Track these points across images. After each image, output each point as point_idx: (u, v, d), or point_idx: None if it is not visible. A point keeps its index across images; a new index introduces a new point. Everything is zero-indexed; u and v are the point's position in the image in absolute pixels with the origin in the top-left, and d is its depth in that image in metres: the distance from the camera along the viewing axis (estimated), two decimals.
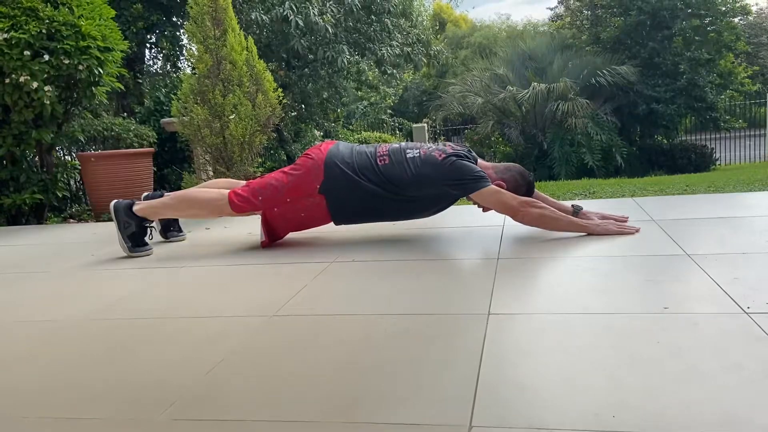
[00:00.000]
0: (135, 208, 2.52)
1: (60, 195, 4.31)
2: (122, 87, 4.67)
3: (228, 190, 2.48)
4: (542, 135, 11.49)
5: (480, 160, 2.48)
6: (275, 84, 4.12)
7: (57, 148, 4.69)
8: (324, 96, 9.81)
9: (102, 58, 3.94)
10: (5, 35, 3.57)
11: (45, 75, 3.70)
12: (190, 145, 4.25)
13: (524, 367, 1.20)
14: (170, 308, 1.79)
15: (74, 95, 4.09)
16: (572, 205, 2.48)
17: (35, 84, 3.65)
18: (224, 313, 1.70)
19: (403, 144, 2.49)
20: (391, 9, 9.22)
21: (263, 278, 2.08)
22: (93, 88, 4.09)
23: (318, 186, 2.39)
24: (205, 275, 2.17)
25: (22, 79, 3.63)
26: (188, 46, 6.72)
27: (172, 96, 4.42)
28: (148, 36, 8.60)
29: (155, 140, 5.71)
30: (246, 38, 4.00)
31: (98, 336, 1.59)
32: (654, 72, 12.14)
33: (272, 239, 2.55)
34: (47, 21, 3.70)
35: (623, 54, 12.40)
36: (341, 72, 9.15)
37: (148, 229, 2.59)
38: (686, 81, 11.90)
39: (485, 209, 2.48)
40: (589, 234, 2.29)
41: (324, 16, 8.08)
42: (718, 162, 12.67)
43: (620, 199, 3.18)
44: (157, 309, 1.80)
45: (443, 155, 2.38)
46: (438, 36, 20.45)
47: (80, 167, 4.49)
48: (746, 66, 15.70)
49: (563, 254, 2.08)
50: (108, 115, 6.08)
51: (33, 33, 3.62)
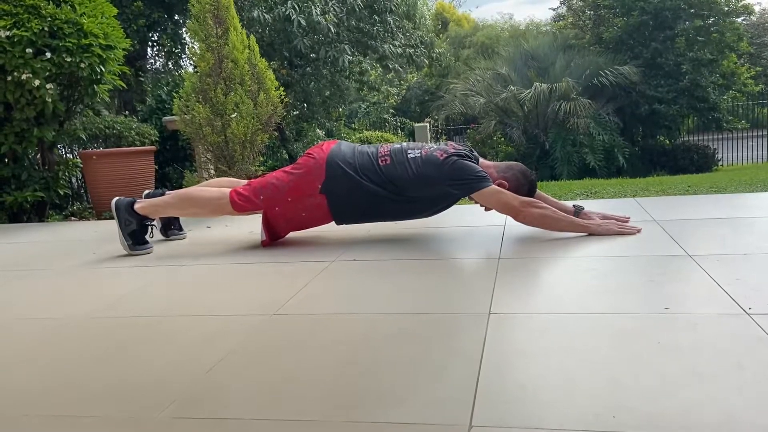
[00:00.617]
0: (136, 207, 2.52)
1: (61, 193, 4.31)
2: (124, 85, 4.67)
3: (229, 189, 2.49)
4: (544, 135, 11.48)
5: (482, 160, 2.49)
6: (277, 83, 4.12)
7: (59, 146, 4.70)
8: (326, 95, 9.81)
9: (104, 56, 3.95)
10: (7, 33, 3.58)
11: (47, 73, 3.70)
12: (192, 144, 4.25)
13: (524, 367, 1.20)
14: (170, 307, 1.79)
15: (76, 93, 4.09)
16: (573, 206, 2.48)
17: (37, 82, 3.65)
18: (225, 312, 1.70)
19: (405, 144, 2.49)
20: (393, 8, 9.21)
21: (264, 277, 2.08)
22: (95, 86, 4.10)
23: (319, 186, 2.39)
24: (206, 274, 2.17)
25: (24, 77, 3.63)
26: (190, 44, 6.73)
27: (174, 94, 4.42)
28: (150, 34, 8.61)
29: (157, 138, 5.72)
30: (248, 37, 4.00)
31: (98, 334, 1.59)
32: (656, 72, 12.11)
33: (273, 238, 2.55)
34: (49, 19, 3.71)
35: (625, 54, 12.38)
36: (343, 72, 9.15)
37: (149, 228, 2.60)
38: (689, 81, 11.87)
39: (487, 208, 2.48)
40: (591, 234, 2.28)
41: (326, 16, 8.08)
42: (721, 163, 12.65)
43: (622, 200, 3.17)
44: (158, 307, 1.80)
45: (445, 155, 2.37)
46: (440, 35, 20.44)
47: (82, 165, 4.50)
48: (749, 67, 15.66)
49: (564, 254, 2.08)
50: (110, 113, 6.09)
51: (35, 31, 3.63)
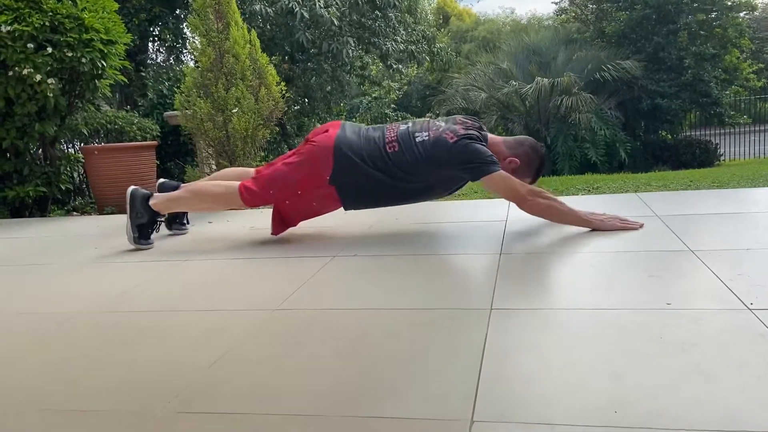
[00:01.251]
0: (151, 203, 2.53)
1: (63, 188, 4.31)
2: (125, 80, 4.66)
3: (238, 183, 2.48)
4: (546, 130, 11.46)
5: (491, 135, 2.45)
6: (278, 77, 4.12)
7: (60, 141, 4.69)
8: (327, 90, 9.80)
9: (105, 51, 3.94)
10: (8, 27, 3.57)
11: (48, 68, 3.69)
12: (193, 139, 4.24)
13: (526, 363, 1.20)
14: (172, 302, 1.80)
15: (77, 88, 4.09)
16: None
17: (38, 77, 3.64)
18: (226, 308, 1.70)
19: (411, 127, 2.43)
20: (396, 3, 9.19)
21: (265, 273, 2.08)
22: (96, 81, 4.09)
23: (328, 177, 2.36)
24: (208, 269, 2.17)
25: (26, 72, 3.62)
26: (191, 39, 6.71)
27: (175, 89, 4.42)
28: (151, 29, 8.60)
29: (158, 133, 5.72)
30: (249, 31, 3.99)
31: (101, 329, 1.60)
32: (659, 67, 12.08)
33: (284, 227, 2.55)
34: (50, 13, 3.70)
35: (628, 48, 12.34)
36: (345, 66, 9.14)
37: (158, 223, 2.61)
38: (691, 76, 11.84)
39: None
40: (593, 229, 2.28)
41: (329, 9, 8.06)
42: (723, 157, 12.63)
43: (624, 195, 3.17)
44: (160, 302, 1.80)
45: (455, 137, 2.32)
46: (442, 30, 20.37)
47: (83, 160, 4.50)
48: (752, 62, 15.61)
49: (566, 250, 2.07)
50: (111, 109, 6.09)
51: (36, 25, 3.62)
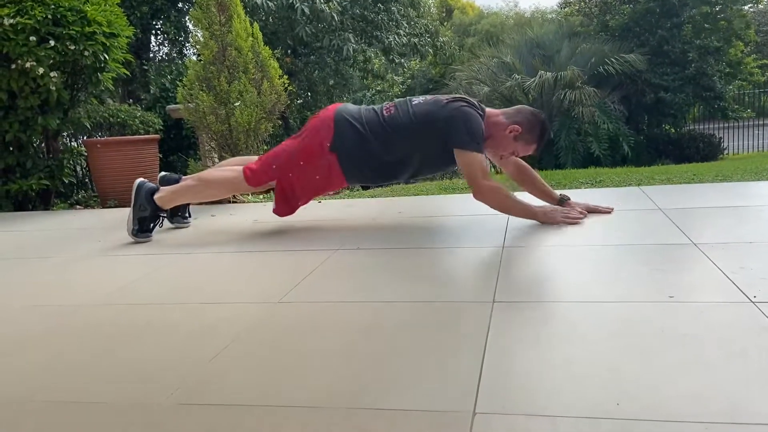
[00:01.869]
0: (156, 197, 2.53)
1: (66, 181, 4.32)
2: (128, 73, 4.66)
3: (242, 167, 2.49)
4: (549, 123, 11.43)
5: (488, 109, 2.46)
6: (281, 71, 4.11)
7: (63, 135, 4.70)
8: (330, 83, 9.78)
9: (107, 44, 3.94)
10: (11, 21, 3.57)
11: (51, 61, 3.69)
12: (196, 132, 4.24)
13: (528, 356, 1.20)
14: (175, 295, 1.80)
15: (80, 81, 4.09)
16: (560, 195, 2.51)
17: (41, 70, 3.64)
18: (229, 300, 1.70)
19: (409, 97, 2.48)
20: None
21: (268, 265, 2.09)
22: (99, 74, 4.09)
23: (329, 144, 2.37)
24: (211, 262, 2.18)
25: (28, 65, 3.62)
26: (193, 32, 6.69)
27: (178, 83, 4.41)
28: (153, 22, 8.59)
29: (161, 127, 5.72)
30: (252, 24, 3.98)
31: (103, 321, 1.60)
32: (662, 60, 12.02)
33: (289, 208, 2.54)
34: (53, 6, 3.69)
35: (632, 42, 12.27)
36: (348, 60, 9.12)
37: (160, 219, 2.61)
38: (695, 69, 11.78)
39: (503, 157, 2.49)
40: (542, 222, 2.32)
41: (330, 3, 8.03)
42: (726, 151, 12.59)
43: (627, 188, 3.16)
44: (163, 295, 1.80)
45: (451, 99, 2.37)
46: (445, 24, 20.31)
47: (86, 154, 4.50)
48: (755, 56, 15.54)
49: (568, 243, 2.07)
50: (114, 102, 6.09)
51: (39, 18, 3.61)
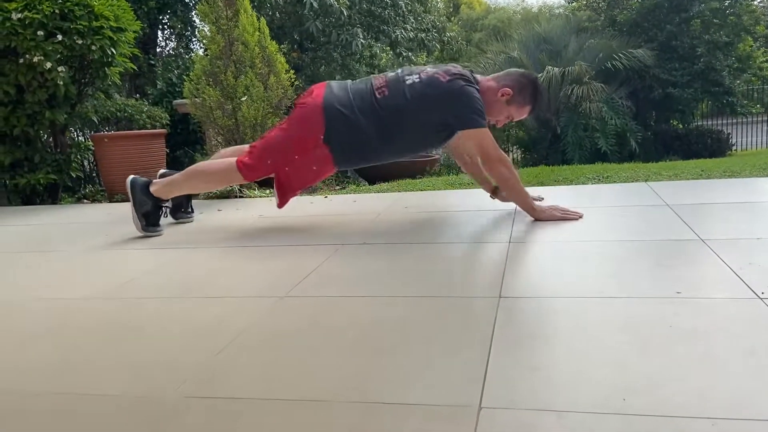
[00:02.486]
0: (151, 189, 2.54)
1: (74, 175, 4.34)
2: (135, 68, 4.67)
3: (236, 158, 2.45)
4: (556, 119, 11.37)
5: (479, 76, 2.43)
6: (287, 66, 4.11)
7: (70, 129, 4.71)
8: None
9: (115, 39, 3.95)
10: (19, 15, 3.58)
11: (58, 55, 3.71)
12: (203, 127, 4.25)
13: (534, 351, 1.20)
14: (182, 288, 1.81)
15: (87, 76, 4.10)
16: (537, 196, 2.56)
17: (49, 64, 3.66)
18: (235, 294, 1.71)
19: (401, 72, 2.38)
20: None
21: (274, 260, 2.09)
22: (106, 69, 4.10)
23: (321, 136, 2.33)
24: (217, 256, 2.18)
25: (36, 60, 3.64)
26: (200, 27, 6.70)
27: (185, 77, 4.42)
28: (160, 17, 8.59)
29: (168, 122, 5.73)
30: (258, 19, 3.98)
31: (110, 315, 1.61)
32: (671, 55, 11.93)
33: (284, 200, 2.53)
34: (60, 1, 3.70)
35: (640, 37, 12.19)
36: (354, 55, 9.11)
37: (163, 209, 2.63)
38: (703, 65, 11.69)
39: (498, 123, 2.47)
40: (535, 219, 2.33)
41: None
42: (735, 147, 12.50)
43: (634, 184, 3.14)
44: (169, 289, 1.81)
45: (448, 77, 2.29)
46: (452, 19, 20.24)
47: (93, 148, 4.52)
48: (765, 51, 15.40)
49: (575, 238, 2.07)
50: (121, 97, 6.10)
51: (46, 13, 3.62)
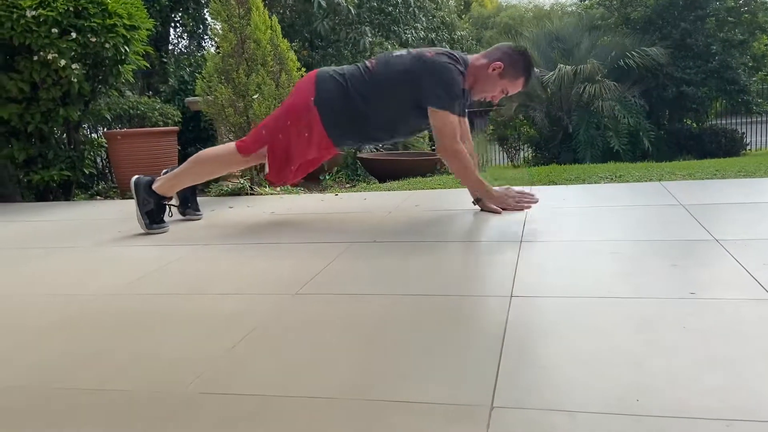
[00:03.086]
0: (154, 186, 2.56)
1: (87, 172, 4.37)
2: (148, 65, 4.69)
3: (234, 142, 2.60)
4: (568, 118, 11.31)
5: (471, 58, 2.50)
6: (299, 63, 4.11)
7: (84, 126, 4.75)
8: None
9: (128, 37, 3.97)
10: (33, 12, 3.61)
11: (72, 53, 3.73)
12: (214, 125, 4.27)
13: (547, 350, 1.19)
14: (193, 285, 1.82)
15: (101, 73, 4.12)
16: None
17: (63, 62, 3.68)
18: (246, 291, 1.71)
19: (393, 51, 2.56)
20: None
21: (285, 257, 2.09)
22: (119, 67, 4.12)
23: (312, 98, 2.43)
24: (228, 253, 2.19)
25: (50, 57, 3.66)
26: (212, 25, 6.72)
27: (197, 75, 4.44)
28: (173, 15, 8.63)
29: (180, 119, 5.76)
30: (270, 17, 3.99)
31: (123, 311, 1.62)
32: (685, 54, 11.82)
33: (282, 174, 2.56)
34: None
35: (653, 35, 12.09)
36: (365, 53, 9.11)
37: (167, 207, 2.65)
38: (718, 63, 11.58)
39: (494, 98, 2.56)
40: (482, 210, 2.48)
41: None
42: (749, 147, 12.37)
43: (647, 183, 3.12)
44: (180, 286, 1.82)
45: (435, 54, 2.41)
46: (463, 16, 20.17)
47: (107, 145, 4.55)
48: None
49: (587, 237, 2.05)
50: (133, 94, 6.14)
51: (61, 11, 3.65)
